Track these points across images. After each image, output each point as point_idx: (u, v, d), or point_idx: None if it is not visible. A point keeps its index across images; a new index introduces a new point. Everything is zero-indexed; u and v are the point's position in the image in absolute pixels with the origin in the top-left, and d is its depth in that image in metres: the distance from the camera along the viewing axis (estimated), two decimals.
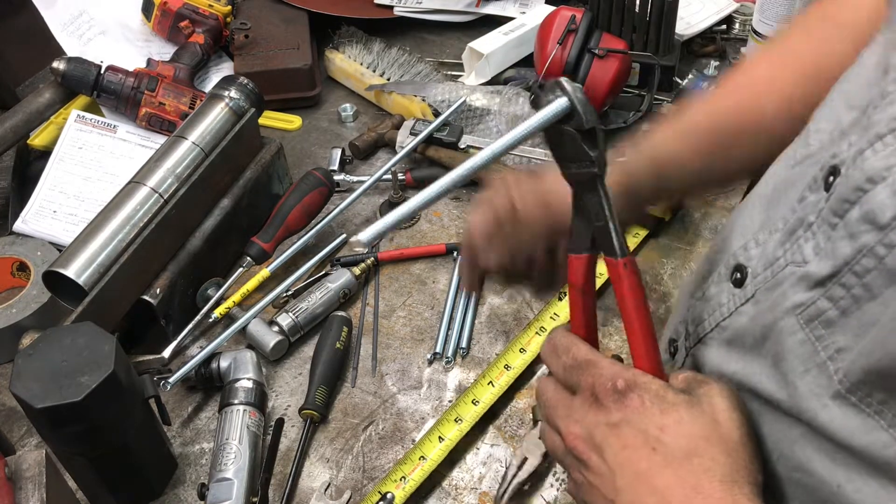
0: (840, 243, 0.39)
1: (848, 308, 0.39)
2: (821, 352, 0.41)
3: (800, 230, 0.43)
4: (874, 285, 0.38)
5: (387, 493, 0.75)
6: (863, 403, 0.39)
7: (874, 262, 0.37)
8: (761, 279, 0.46)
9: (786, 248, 0.44)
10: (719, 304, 0.50)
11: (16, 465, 0.63)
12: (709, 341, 0.51)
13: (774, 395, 0.44)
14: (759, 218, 0.49)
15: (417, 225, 1.06)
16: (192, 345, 0.92)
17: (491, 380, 0.84)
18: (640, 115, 1.12)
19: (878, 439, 0.38)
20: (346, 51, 1.31)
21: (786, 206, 0.46)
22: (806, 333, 0.41)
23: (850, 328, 0.39)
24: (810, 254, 0.42)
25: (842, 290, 0.39)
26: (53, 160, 1.07)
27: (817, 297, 0.41)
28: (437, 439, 0.80)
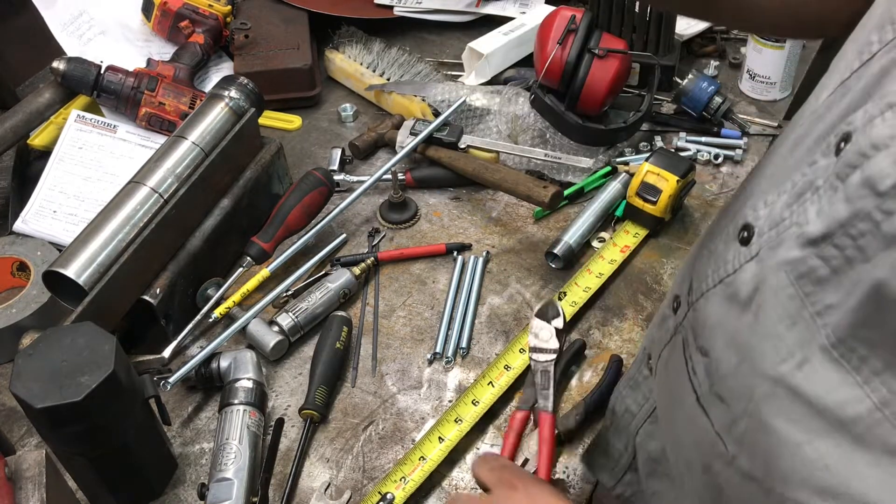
0: (838, 206, 0.40)
1: (839, 268, 0.40)
2: (809, 307, 0.42)
3: (808, 193, 0.44)
4: (868, 248, 0.39)
5: (387, 494, 0.75)
6: (844, 359, 0.40)
7: (870, 226, 0.38)
8: (766, 239, 0.47)
9: (792, 209, 0.45)
10: (725, 260, 0.51)
11: (16, 465, 0.63)
12: (711, 296, 0.52)
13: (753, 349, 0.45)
14: (770, 180, 0.50)
15: (417, 225, 1.07)
16: (192, 345, 0.92)
17: (491, 380, 0.84)
18: (640, 115, 1.12)
19: (852, 395, 0.40)
20: (346, 51, 1.31)
21: (796, 168, 0.46)
22: (796, 289, 0.43)
23: (841, 287, 0.40)
24: (813, 216, 0.42)
25: (835, 250, 0.40)
26: (53, 160, 1.07)
27: (809, 255, 0.42)
28: (437, 440, 0.80)
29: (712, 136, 1.16)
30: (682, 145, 1.15)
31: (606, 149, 1.13)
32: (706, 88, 1.14)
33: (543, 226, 1.06)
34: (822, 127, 0.45)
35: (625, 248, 0.99)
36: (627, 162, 1.10)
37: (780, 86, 1.21)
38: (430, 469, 0.78)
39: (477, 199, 1.10)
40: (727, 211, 0.57)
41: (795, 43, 1.16)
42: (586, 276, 0.96)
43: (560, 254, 0.98)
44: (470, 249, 1.02)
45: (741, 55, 1.28)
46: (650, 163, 0.98)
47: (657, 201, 0.97)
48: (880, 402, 0.39)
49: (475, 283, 0.97)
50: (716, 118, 1.16)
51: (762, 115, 1.20)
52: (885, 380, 0.39)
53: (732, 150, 1.13)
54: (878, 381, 0.39)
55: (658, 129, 1.18)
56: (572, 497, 0.77)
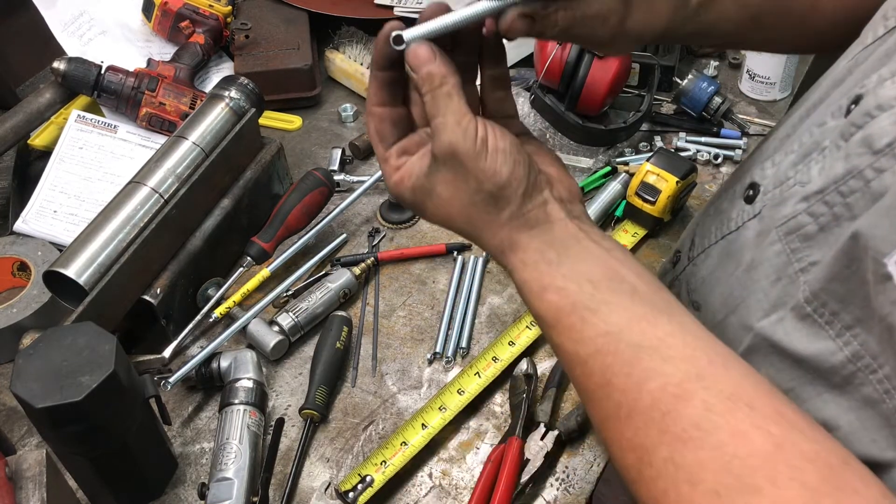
0: (836, 163, 0.41)
1: (826, 225, 0.41)
2: (794, 263, 0.43)
3: (814, 153, 0.44)
4: (856, 206, 0.40)
5: (366, 476, 0.76)
6: (816, 314, 0.41)
7: (861, 184, 0.39)
8: (770, 197, 0.47)
9: (797, 168, 0.45)
10: (729, 218, 0.51)
11: (16, 464, 0.63)
12: (710, 252, 0.53)
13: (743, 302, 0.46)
14: (779, 142, 0.50)
15: (417, 225, 1.07)
16: (192, 345, 0.92)
17: (478, 371, 0.85)
18: (640, 115, 1.12)
19: (826, 347, 0.41)
20: (346, 51, 1.31)
21: (805, 130, 0.47)
22: (783, 245, 0.44)
23: (826, 244, 0.41)
24: (815, 174, 0.43)
25: (824, 206, 0.42)
26: (54, 160, 1.07)
27: (800, 211, 0.43)
28: (419, 426, 0.80)
29: (712, 136, 1.16)
30: (682, 145, 1.15)
31: (606, 149, 1.14)
32: (706, 88, 1.14)
33: None
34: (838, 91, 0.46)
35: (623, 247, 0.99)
36: (627, 162, 1.10)
37: (780, 86, 1.21)
38: (410, 454, 0.78)
39: None
40: (736, 173, 0.57)
41: None
42: None
43: None
44: (470, 249, 1.02)
45: (741, 55, 1.28)
46: (651, 163, 0.98)
47: (656, 202, 0.97)
48: (853, 355, 0.40)
49: (475, 283, 0.97)
50: (715, 118, 1.16)
51: (762, 116, 1.20)
52: (855, 334, 0.40)
53: (732, 150, 1.13)
54: (849, 334, 0.40)
55: (658, 129, 1.18)
56: (571, 497, 0.77)
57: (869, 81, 0.41)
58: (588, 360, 0.42)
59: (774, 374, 0.45)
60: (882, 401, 0.39)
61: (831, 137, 0.43)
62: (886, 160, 0.38)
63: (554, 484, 0.78)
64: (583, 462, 0.79)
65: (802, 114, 0.51)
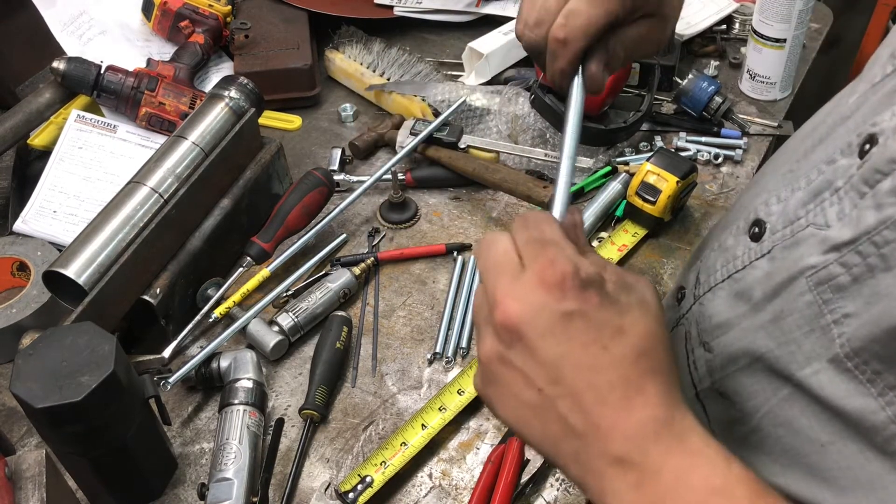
0: (866, 212, 0.39)
1: (860, 276, 0.39)
2: (826, 315, 0.41)
3: (826, 192, 0.43)
4: (892, 257, 0.38)
5: (366, 477, 0.76)
6: (857, 370, 0.40)
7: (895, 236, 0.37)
8: (780, 236, 0.46)
9: (808, 208, 0.44)
10: (734, 256, 0.50)
11: (16, 465, 0.63)
12: (718, 291, 0.51)
13: (771, 352, 0.44)
14: (783, 176, 0.49)
15: (417, 225, 1.07)
16: (192, 345, 0.92)
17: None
18: (640, 115, 1.12)
19: (867, 405, 0.39)
20: (346, 51, 1.31)
21: (812, 166, 0.45)
22: (814, 295, 0.42)
23: (860, 296, 0.39)
24: (833, 218, 0.42)
25: (857, 257, 0.39)
26: (53, 160, 1.07)
27: (831, 261, 0.41)
28: (419, 426, 0.80)
29: (712, 136, 1.16)
30: (682, 145, 1.15)
31: (606, 149, 1.13)
32: (706, 88, 1.14)
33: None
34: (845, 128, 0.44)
35: (622, 247, 0.99)
36: (627, 162, 1.10)
37: (780, 86, 1.21)
38: (410, 455, 0.78)
39: (477, 199, 1.10)
40: (737, 206, 0.56)
41: (795, 43, 1.16)
42: None
43: None
44: (470, 249, 1.02)
45: (741, 55, 1.28)
46: (651, 163, 0.98)
47: (656, 201, 0.97)
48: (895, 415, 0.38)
49: (475, 282, 0.97)
50: (716, 118, 1.16)
51: (762, 115, 1.20)
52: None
53: (732, 150, 1.13)
54: (892, 394, 0.38)
55: (658, 129, 1.18)
56: (572, 497, 0.77)
57: (881, 119, 0.40)
58: None
59: (815, 425, 0.43)
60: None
61: (845, 178, 0.42)
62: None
63: (554, 484, 0.78)
64: None
65: (807, 148, 0.49)
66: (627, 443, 0.40)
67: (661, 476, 0.39)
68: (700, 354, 0.52)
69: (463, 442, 0.82)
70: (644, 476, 0.39)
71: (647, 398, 0.40)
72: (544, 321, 0.41)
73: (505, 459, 0.76)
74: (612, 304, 0.42)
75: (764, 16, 1.15)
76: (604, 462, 0.40)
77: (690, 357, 0.53)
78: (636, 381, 0.41)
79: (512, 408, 0.43)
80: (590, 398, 0.41)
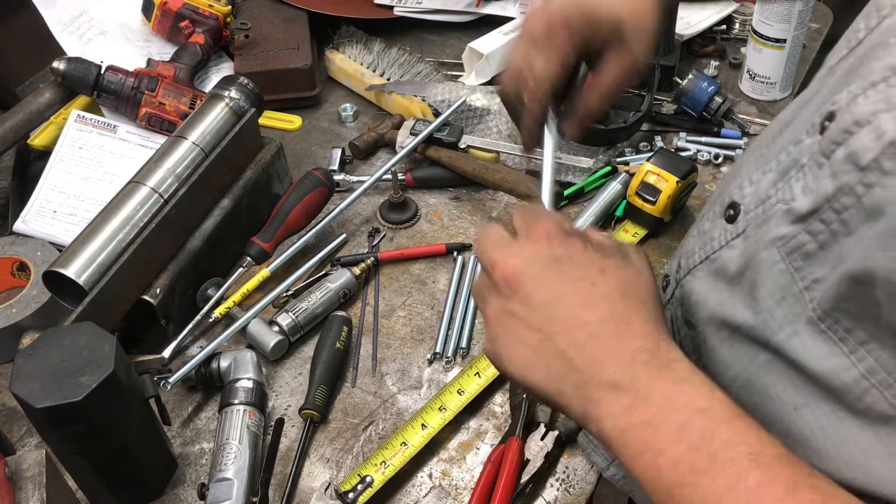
0: (824, 182, 0.42)
1: (826, 242, 0.42)
2: (798, 282, 0.44)
3: (792, 171, 0.45)
4: (851, 221, 0.41)
5: (366, 477, 0.76)
6: (830, 331, 0.43)
7: (853, 200, 0.40)
8: (753, 216, 0.48)
9: (778, 186, 0.47)
10: (711, 238, 0.52)
11: (16, 465, 0.63)
12: (697, 272, 0.54)
13: (747, 321, 0.47)
14: (755, 160, 0.51)
15: (417, 225, 1.07)
16: (192, 345, 0.92)
17: (478, 371, 0.85)
18: (640, 115, 1.12)
19: (840, 364, 0.42)
20: (346, 51, 1.31)
21: (780, 148, 0.48)
22: (786, 264, 0.45)
23: (827, 261, 0.42)
24: (798, 192, 0.45)
25: (821, 225, 0.43)
26: (53, 160, 1.07)
27: (799, 231, 0.44)
28: (419, 426, 0.80)
29: (712, 136, 1.16)
30: (682, 145, 1.15)
31: (606, 149, 1.13)
32: (706, 88, 1.14)
33: None
34: (808, 110, 0.47)
35: None
36: (627, 162, 1.10)
37: (780, 86, 1.21)
38: (410, 455, 0.78)
39: (477, 199, 1.10)
40: (715, 194, 0.59)
41: (795, 43, 1.16)
42: None
43: None
44: (470, 249, 1.02)
45: (741, 55, 1.28)
46: (651, 163, 0.98)
47: (656, 201, 0.97)
48: (867, 370, 0.41)
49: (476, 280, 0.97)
50: (716, 118, 1.16)
51: (762, 115, 1.20)
52: (870, 349, 0.41)
53: (732, 150, 1.13)
54: (863, 350, 0.41)
55: (658, 129, 1.18)
56: (572, 497, 0.77)
57: (839, 98, 0.42)
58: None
59: (790, 389, 0.45)
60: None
61: (809, 154, 0.44)
62: (873, 175, 0.39)
63: (554, 484, 0.78)
64: (583, 462, 0.79)
65: (776, 132, 0.51)
66: (619, 369, 0.45)
67: (651, 398, 0.43)
68: (686, 333, 0.54)
69: (463, 442, 0.82)
70: (636, 398, 0.44)
71: (633, 330, 0.46)
72: (537, 268, 0.48)
73: (505, 459, 0.76)
74: (595, 250, 0.49)
75: (764, 16, 1.15)
76: (600, 389, 0.45)
77: (677, 338, 0.55)
78: (623, 315, 0.46)
79: (518, 355, 0.48)
80: (583, 333, 0.46)
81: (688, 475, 0.41)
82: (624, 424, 0.44)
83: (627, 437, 0.44)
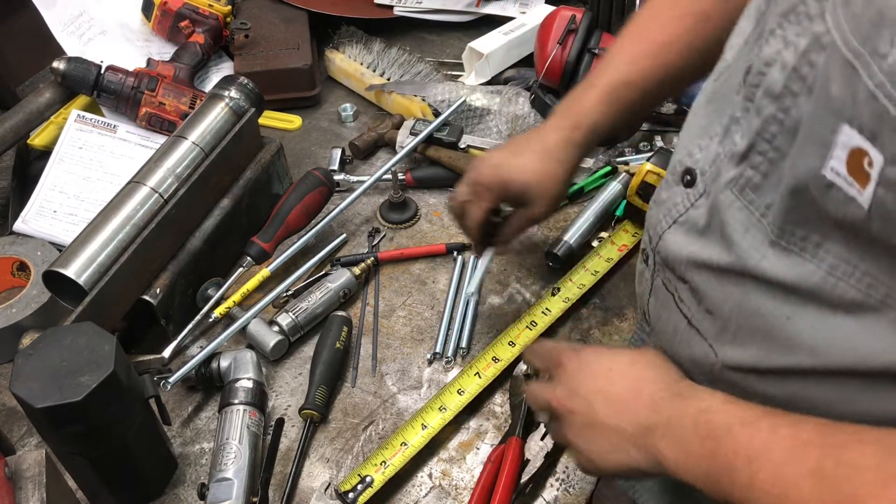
0: (753, 119, 0.49)
1: (768, 171, 0.49)
2: (755, 212, 0.50)
3: (732, 126, 0.52)
4: (782, 146, 0.47)
5: (366, 477, 0.76)
6: (790, 244, 0.48)
7: (777, 127, 0.47)
8: (709, 175, 0.55)
9: (724, 143, 0.53)
10: (674, 204, 0.58)
11: (16, 464, 0.63)
12: (667, 236, 0.59)
13: (724, 260, 0.53)
14: (698, 130, 0.58)
15: (417, 225, 1.07)
16: (192, 345, 0.92)
17: (478, 371, 0.85)
18: None
19: (806, 270, 0.47)
20: (346, 51, 1.31)
21: (721, 113, 0.54)
22: (741, 202, 0.51)
23: (773, 186, 0.49)
24: (738, 139, 0.51)
25: (759, 157, 0.49)
26: (53, 160, 1.07)
27: (744, 168, 0.51)
28: (419, 426, 0.80)
29: None
30: None
31: (606, 149, 1.13)
32: None
33: (544, 226, 1.06)
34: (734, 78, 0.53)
35: (623, 246, 0.99)
36: (627, 162, 1.10)
37: None
38: (410, 455, 0.78)
39: None
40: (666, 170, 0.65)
41: None
42: (581, 273, 0.96)
43: (560, 254, 0.98)
44: (470, 249, 1.02)
45: None
46: (651, 163, 0.98)
47: None
48: (829, 268, 0.46)
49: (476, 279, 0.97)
50: None
51: None
52: (826, 249, 0.46)
53: None
54: (821, 252, 0.47)
55: (658, 129, 1.18)
56: (572, 497, 0.77)
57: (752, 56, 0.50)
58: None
59: (777, 304, 0.50)
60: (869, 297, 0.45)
61: (740, 107, 0.51)
62: (787, 99, 0.46)
63: (554, 484, 0.78)
64: None
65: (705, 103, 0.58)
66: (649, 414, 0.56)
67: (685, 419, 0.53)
68: (682, 288, 0.59)
69: (463, 442, 0.82)
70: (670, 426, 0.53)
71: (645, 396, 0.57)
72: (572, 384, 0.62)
73: (505, 459, 0.76)
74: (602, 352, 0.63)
75: None
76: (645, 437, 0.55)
77: (675, 295, 0.60)
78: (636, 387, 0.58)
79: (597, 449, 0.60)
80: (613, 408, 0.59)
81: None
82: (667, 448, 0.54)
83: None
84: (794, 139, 0.46)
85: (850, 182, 0.41)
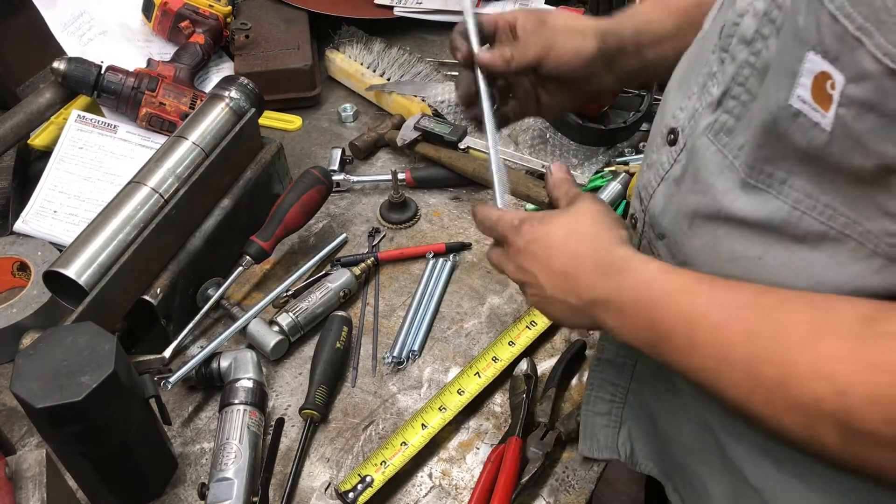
0: (728, 67, 0.52)
1: (741, 114, 0.51)
2: (728, 155, 0.52)
3: (709, 82, 0.55)
4: (753, 88, 0.50)
5: (366, 476, 0.76)
6: (758, 182, 0.50)
7: (749, 70, 0.50)
8: (688, 130, 0.57)
9: (702, 97, 0.56)
10: (661, 163, 0.61)
11: (16, 464, 0.63)
12: (656, 194, 0.61)
13: (700, 203, 0.55)
14: (677, 92, 0.61)
15: (417, 225, 1.07)
16: (192, 345, 0.92)
17: (478, 371, 0.85)
18: (640, 115, 1.12)
19: (774, 206, 0.50)
20: (347, 51, 1.31)
21: (698, 73, 0.57)
22: (717, 146, 0.53)
23: (745, 128, 0.51)
24: (714, 90, 0.54)
25: (733, 101, 0.52)
26: (54, 160, 1.07)
27: (719, 114, 0.53)
28: (419, 426, 0.80)
29: None
30: None
31: (606, 149, 1.14)
32: None
33: None
34: (710, 41, 0.56)
35: None
36: (627, 162, 1.10)
37: None
38: (410, 455, 0.78)
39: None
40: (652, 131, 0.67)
41: None
42: None
43: None
44: (470, 249, 1.02)
45: None
46: None
47: None
48: (794, 202, 0.49)
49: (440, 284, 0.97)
50: None
51: None
52: (791, 184, 0.48)
53: None
54: (786, 187, 0.49)
55: None
56: (571, 497, 0.77)
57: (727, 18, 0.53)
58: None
59: (749, 245, 0.52)
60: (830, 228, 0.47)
61: (715, 61, 0.54)
62: (758, 43, 0.49)
63: (554, 484, 0.78)
64: (583, 462, 0.79)
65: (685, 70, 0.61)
66: (590, 290, 0.58)
67: (624, 293, 0.55)
68: (660, 245, 0.62)
69: (463, 442, 0.82)
70: (610, 302, 0.56)
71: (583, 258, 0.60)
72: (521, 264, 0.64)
73: (505, 459, 0.76)
74: (539, 223, 0.63)
75: None
76: (590, 309, 0.58)
77: (655, 253, 0.63)
78: (572, 251, 0.60)
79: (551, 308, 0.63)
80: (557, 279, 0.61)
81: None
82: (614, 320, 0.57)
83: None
84: (763, 78, 0.49)
85: (815, 107, 0.44)
